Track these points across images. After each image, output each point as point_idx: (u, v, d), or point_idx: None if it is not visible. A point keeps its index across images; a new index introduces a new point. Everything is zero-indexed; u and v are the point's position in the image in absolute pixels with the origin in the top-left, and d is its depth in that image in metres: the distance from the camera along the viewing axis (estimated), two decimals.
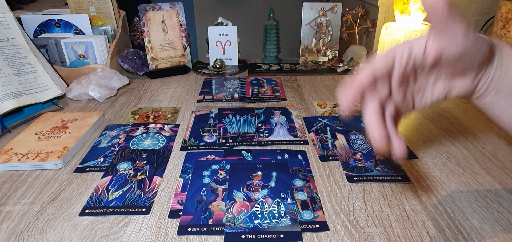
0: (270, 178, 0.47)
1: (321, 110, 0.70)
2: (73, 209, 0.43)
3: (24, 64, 0.69)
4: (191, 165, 0.51)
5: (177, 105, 0.73)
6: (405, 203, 0.43)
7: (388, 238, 0.38)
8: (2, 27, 0.69)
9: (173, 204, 0.43)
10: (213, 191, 0.45)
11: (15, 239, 0.38)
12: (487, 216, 0.41)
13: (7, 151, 0.53)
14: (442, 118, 0.66)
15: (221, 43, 0.95)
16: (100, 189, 0.46)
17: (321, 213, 0.42)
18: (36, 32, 0.84)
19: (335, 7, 0.93)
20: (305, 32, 0.95)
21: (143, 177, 0.49)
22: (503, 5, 0.92)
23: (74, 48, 0.81)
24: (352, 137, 0.59)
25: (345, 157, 0.53)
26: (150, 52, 0.89)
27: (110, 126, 0.64)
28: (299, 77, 0.90)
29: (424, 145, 0.57)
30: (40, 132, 0.59)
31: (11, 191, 0.46)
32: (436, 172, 0.50)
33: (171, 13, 0.89)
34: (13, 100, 0.64)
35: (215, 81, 0.86)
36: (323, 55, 0.98)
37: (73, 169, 0.51)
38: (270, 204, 0.42)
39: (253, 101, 0.75)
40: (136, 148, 0.56)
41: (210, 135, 0.60)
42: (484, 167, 0.51)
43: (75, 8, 0.89)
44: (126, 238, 0.38)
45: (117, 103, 0.74)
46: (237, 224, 0.39)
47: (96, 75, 0.75)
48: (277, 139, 0.58)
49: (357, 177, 0.48)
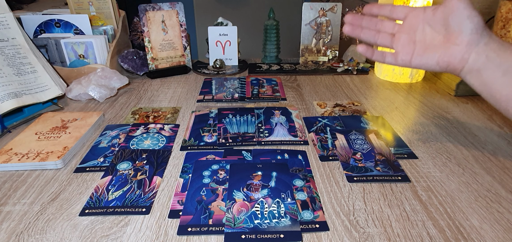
0: (270, 178, 0.47)
1: (321, 110, 0.70)
2: (73, 209, 0.43)
3: (24, 64, 0.69)
4: (191, 165, 0.51)
5: (177, 105, 0.73)
6: (405, 203, 0.43)
7: (388, 238, 0.38)
8: (2, 27, 0.69)
9: (173, 204, 0.43)
10: (213, 191, 0.45)
11: (15, 239, 0.38)
12: (487, 216, 0.41)
13: (7, 151, 0.53)
14: (442, 118, 0.66)
15: (221, 43, 0.95)
16: (100, 189, 0.46)
17: (321, 213, 0.42)
18: (36, 32, 0.84)
19: (335, 7, 0.93)
20: (305, 32, 0.95)
21: (143, 177, 0.48)
22: (503, 5, 0.92)
23: (74, 48, 0.81)
24: (352, 137, 0.59)
25: (345, 157, 0.53)
26: (150, 52, 0.89)
27: (110, 126, 0.64)
28: (299, 77, 0.90)
29: (424, 145, 0.57)
30: (40, 132, 0.59)
31: (11, 191, 0.46)
32: (436, 172, 0.50)
33: (171, 13, 0.89)
34: (13, 100, 0.64)
35: (215, 81, 0.86)
36: (323, 55, 0.98)
37: (73, 169, 0.51)
38: (270, 204, 0.42)
39: (253, 101, 0.75)
40: (136, 148, 0.56)
41: (210, 135, 0.60)
42: (484, 167, 0.51)
43: (75, 8, 0.89)
44: (126, 238, 0.38)
45: (117, 103, 0.74)
46: (237, 224, 0.39)
47: (96, 75, 0.75)
48: (277, 139, 0.59)
49: (357, 177, 0.48)
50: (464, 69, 0.46)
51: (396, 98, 0.76)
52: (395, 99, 0.75)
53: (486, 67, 0.44)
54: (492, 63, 0.44)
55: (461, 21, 0.45)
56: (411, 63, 0.51)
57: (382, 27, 0.54)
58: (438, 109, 0.70)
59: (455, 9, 0.45)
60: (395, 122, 0.65)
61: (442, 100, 0.74)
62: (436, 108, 0.71)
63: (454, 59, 0.46)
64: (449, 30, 0.47)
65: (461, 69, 0.47)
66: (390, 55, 0.53)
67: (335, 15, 0.94)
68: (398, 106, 0.72)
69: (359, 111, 0.69)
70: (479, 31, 0.44)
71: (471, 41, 0.45)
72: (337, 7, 0.93)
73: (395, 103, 0.73)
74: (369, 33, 0.55)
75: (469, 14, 0.44)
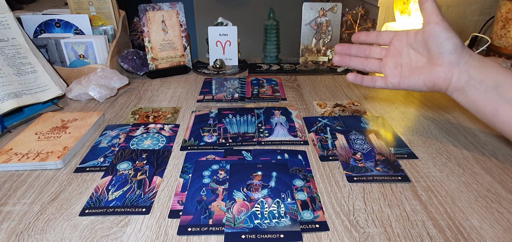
0: (270, 178, 0.47)
1: (321, 110, 0.70)
2: (73, 209, 0.43)
3: (24, 64, 0.69)
4: (191, 165, 0.51)
5: (177, 105, 0.73)
6: (405, 203, 0.43)
7: (388, 238, 0.38)
8: (2, 27, 0.69)
9: (173, 204, 0.43)
10: (213, 191, 0.45)
11: (15, 239, 0.38)
12: (487, 216, 0.41)
13: (7, 151, 0.53)
14: (442, 118, 0.66)
15: (221, 43, 0.95)
16: (100, 189, 0.46)
17: (321, 213, 0.42)
18: (36, 32, 0.84)
19: (335, 7, 0.93)
20: (305, 32, 0.95)
21: (143, 177, 0.49)
22: (503, 5, 0.92)
23: (74, 48, 0.81)
24: (352, 137, 0.59)
25: (345, 157, 0.53)
26: (150, 52, 0.89)
27: (110, 126, 0.64)
28: (299, 77, 0.90)
29: (424, 145, 0.57)
30: (40, 132, 0.59)
31: (11, 191, 0.46)
32: (436, 172, 0.50)
33: (171, 13, 0.89)
34: (13, 100, 0.64)
35: (215, 81, 0.86)
36: (323, 55, 0.98)
37: (73, 169, 0.51)
38: (270, 204, 0.42)
39: (253, 101, 0.75)
40: (136, 148, 0.56)
41: (210, 135, 0.60)
42: (484, 167, 0.51)
43: (75, 8, 0.89)
44: (126, 238, 0.38)
45: (117, 103, 0.74)
46: (237, 224, 0.39)
47: (96, 75, 0.75)
48: (277, 139, 0.59)
49: (357, 177, 0.48)
50: (449, 88, 0.48)
51: (396, 98, 0.76)
52: (395, 99, 0.76)
53: (469, 85, 0.46)
54: (474, 81, 0.45)
55: (439, 43, 0.47)
56: (400, 85, 0.53)
57: (370, 53, 0.58)
58: (438, 109, 0.70)
59: (433, 32, 0.48)
60: (395, 121, 0.65)
61: (442, 100, 0.74)
62: (436, 108, 0.71)
63: (439, 79, 0.48)
64: (430, 52, 0.49)
65: (446, 88, 0.48)
66: (380, 79, 0.56)
67: (335, 15, 0.94)
68: (398, 106, 0.72)
69: (359, 111, 0.69)
70: (458, 51, 0.46)
71: (451, 61, 0.47)
72: (337, 7, 0.93)
73: (395, 103, 0.73)
74: (358, 60, 0.59)
75: (446, 36, 0.47)
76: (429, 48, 0.49)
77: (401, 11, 0.92)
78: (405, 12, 0.91)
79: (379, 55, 0.57)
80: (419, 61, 0.51)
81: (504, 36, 0.92)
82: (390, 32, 0.55)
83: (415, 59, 0.52)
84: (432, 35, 0.47)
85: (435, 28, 0.47)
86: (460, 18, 1.23)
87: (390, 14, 1.25)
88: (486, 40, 0.87)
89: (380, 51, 0.57)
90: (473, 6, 1.22)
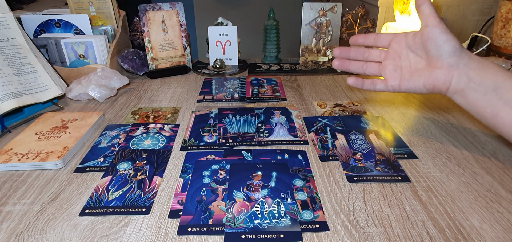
0: (270, 178, 0.47)
1: (321, 110, 0.70)
2: (73, 209, 0.43)
3: (24, 64, 0.69)
4: (191, 165, 0.51)
5: (177, 105, 0.73)
6: (405, 203, 0.43)
7: (388, 238, 0.38)
8: (2, 27, 0.69)
9: (173, 204, 0.43)
10: (213, 191, 0.45)
11: (15, 239, 0.38)
12: (487, 216, 0.41)
13: (7, 151, 0.53)
14: (442, 119, 0.66)
15: (221, 43, 0.95)
16: (100, 189, 0.46)
17: (321, 213, 0.42)
18: (36, 32, 0.84)
19: (335, 7, 0.93)
20: (305, 32, 0.95)
21: (143, 177, 0.49)
22: (503, 5, 0.92)
23: (74, 48, 0.81)
24: (352, 137, 0.59)
25: (345, 157, 0.53)
26: (150, 52, 0.89)
27: (110, 126, 0.64)
28: (299, 77, 0.90)
29: (424, 145, 0.57)
30: (40, 132, 0.59)
31: (11, 191, 0.46)
32: (436, 172, 0.50)
33: (171, 13, 0.89)
34: (13, 100, 0.64)
35: (215, 81, 0.86)
36: (323, 55, 0.98)
37: (73, 169, 0.51)
38: (270, 204, 0.42)
39: (253, 101, 0.75)
40: (136, 148, 0.56)
41: (210, 135, 0.60)
42: (484, 167, 0.51)
43: (75, 8, 0.89)
44: (126, 238, 0.38)
45: (117, 103, 0.74)
46: (237, 224, 0.39)
47: (96, 75, 0.75)
48: (277, 139, 0.59)
49: (357, 177, 0.48)
50: (449, 90, 0.48)
51: (396, 98, 0.76)
52: (395, 99, 0.76)
53: (468, 87, 0.46)
54: (473, 83, 0.45)
55: (438, 46, 0.47)
56: (401, 88, 0.53)
57: (369, 56, 0.57)
58: (438, 110, 0.70)
59: (431, 35, 0.48)
60: (395, 121, 0.65)
61: (442, 101, 0.74)
62: (436, 109, 0.71)
63: (438, 82, 0.48)
64: (429, 55, 0.49)
65: (446, 90, 0.48)
66: (380, 83, 0.55)
67: (335, 15, 0.94)
68: (398, 106, 0.72)
69: (359, 111, 0.69)
70: (457, 53, 0.46)
71: (451, 64, 0.47)
72: (337, 7, 0.93)
73: (395, 103, 0.73)
74: (357, 64, 0.58)
75: (445, 39, 0.46)
76: (427, 50, 0.49)
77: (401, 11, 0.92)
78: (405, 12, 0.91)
79: (378, 58, 0.56)
80: (419, 64, 0.51)
81: (504, 36, 0.92)
82: (388, 34, 0.55)
83: (414, 61, 0.52)
84: (430, 37, 0.47)
85: (433, 31, 0.47)
86: (460, 18, 1.23)
87: (390, 14, 1.25)
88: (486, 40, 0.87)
89: (379, 53, 0.56)
90: (473, 6, 1.22)
